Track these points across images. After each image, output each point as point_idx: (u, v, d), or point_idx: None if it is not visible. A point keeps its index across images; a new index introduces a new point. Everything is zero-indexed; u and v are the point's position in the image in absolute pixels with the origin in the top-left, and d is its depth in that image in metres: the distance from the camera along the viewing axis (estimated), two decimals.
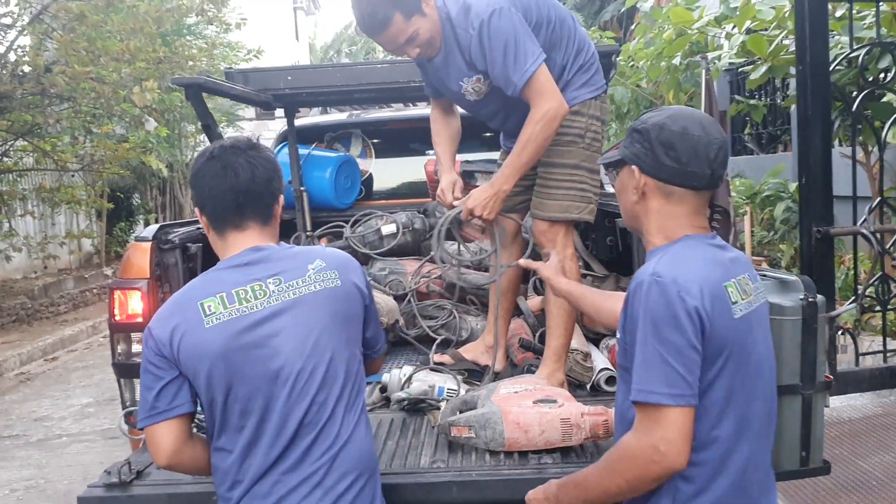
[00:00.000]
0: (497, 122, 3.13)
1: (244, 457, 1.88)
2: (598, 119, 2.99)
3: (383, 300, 3.65)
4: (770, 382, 1.86)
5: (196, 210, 2.02)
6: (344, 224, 4.42)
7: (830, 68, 3.92)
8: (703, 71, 2.93)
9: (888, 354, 4.31)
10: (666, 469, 1.63)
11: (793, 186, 7.45)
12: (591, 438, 2.52)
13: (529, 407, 2.49)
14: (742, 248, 7.78)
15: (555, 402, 2.52)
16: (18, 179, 10.31)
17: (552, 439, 2.47)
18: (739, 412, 1.71)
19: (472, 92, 2.95)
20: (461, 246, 3.25)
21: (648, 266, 1.71)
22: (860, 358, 4.18)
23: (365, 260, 4.29)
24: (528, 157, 2.79)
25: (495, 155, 3.53)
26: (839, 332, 4.16)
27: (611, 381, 3.14)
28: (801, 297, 2.54)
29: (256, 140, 2.07)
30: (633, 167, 1.80)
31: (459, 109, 3.30)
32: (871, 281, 4.22)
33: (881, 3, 4.27)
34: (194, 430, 2.01)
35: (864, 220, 4.22)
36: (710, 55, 6.11)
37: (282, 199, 2.06)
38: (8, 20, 8.26)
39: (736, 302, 1.69)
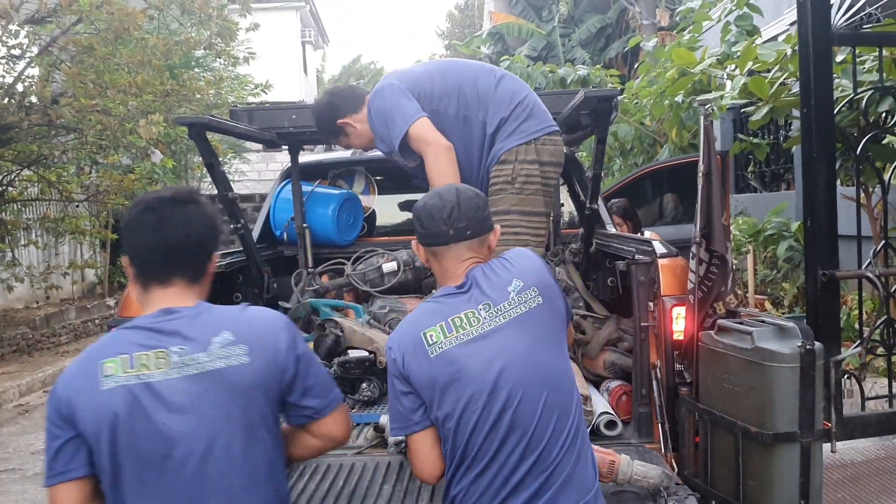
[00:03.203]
0: None
1: None
2: (534, 162, 3.16)
3: (383, 340, 3.63)
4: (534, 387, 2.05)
5: (124, 260, 1.94)
6: (345, 261, 4.42)
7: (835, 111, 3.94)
8: (702, 118, 2.93)
9: (894, 399, 4.28)
10: (422, 481, 2.21)
11: (795, 225, 7.45)
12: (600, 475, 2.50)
13: None
14: (745, 287, 7.77)
15: None
16: (23, 209, 10.34)
17: None
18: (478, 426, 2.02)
19: (402, 162, 3.29)
20: None
21: None
22: (865, 402, 4.16)
23: (366, 297, 4.29)
24: None
25: None
26: (845, 376, 4.13)
27: (611, 425, 3.12)
28: (799, 344, 2.54)
29: (198, 192, 1.99)
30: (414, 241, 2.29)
31: None
32: (876, 324, 4.20)
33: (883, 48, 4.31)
34: None
35: (869, 262, 4.22)
36: (711, 95, 6.15)
37: (216, 257, 1.98)
38: (17, 51, 8.34)
39: (434, 343, 2.05)
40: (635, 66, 13.13)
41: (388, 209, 5.35)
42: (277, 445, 1.90)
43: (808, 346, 2.51)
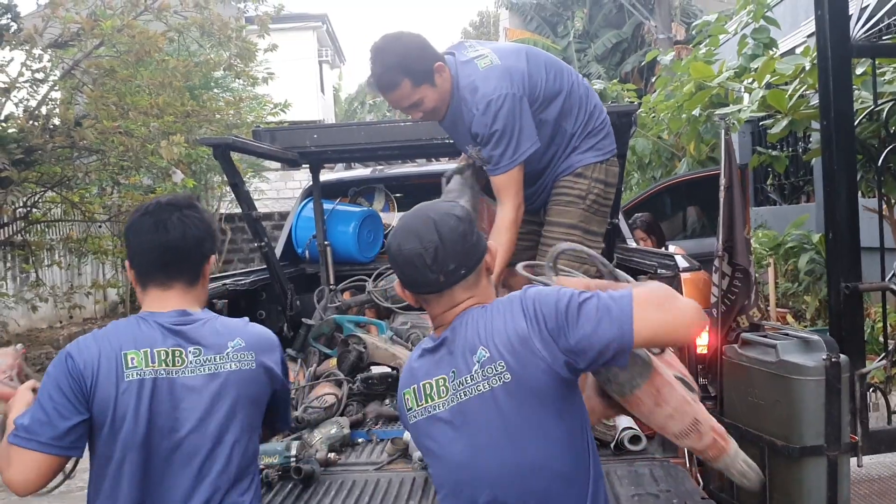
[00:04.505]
0: None
1: None
2: (602, 182, 3.08)
3: (405, 356, 3.65)
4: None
5: (127, 263, 2.04)
6: (367, 278, 4.45)
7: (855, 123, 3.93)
8: (722, 132, 2.94)
9: None
10: None
11: (816, 237, 7.41)
12: (700, 452, 2.05)
13: (675, 381, 1.98)
14: (767, 300, 7.72)
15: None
16: (46, 230, 10.45)
17: (672, 428, 1.98)
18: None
19: (476, 157, 3.05)
20: None
21: None
22: (892, 415, 4.11)
23: (387, 314, 4.31)
24: (506, 259, 2.88)
25: None
26: (870, 390, 4.09)
27: (635, 440, 3.10)
28: (824, 356, 2.53)
29: (195, 199, 2.08)
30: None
31: None
32: None
33: None
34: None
35: (893, 274, 4.19)
36: (729, 109, 6.14)
37: (213, 259, 2.06)
38: (40, 75, 8.46)
39: (410, 409, 1.84)
40: (652, 80, 13.13)
41: None
42: (257, 445, 2.06)
43: (833, 359, 2.50)
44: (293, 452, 2.95)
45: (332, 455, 3.11)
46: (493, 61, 2.90)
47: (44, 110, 8.50)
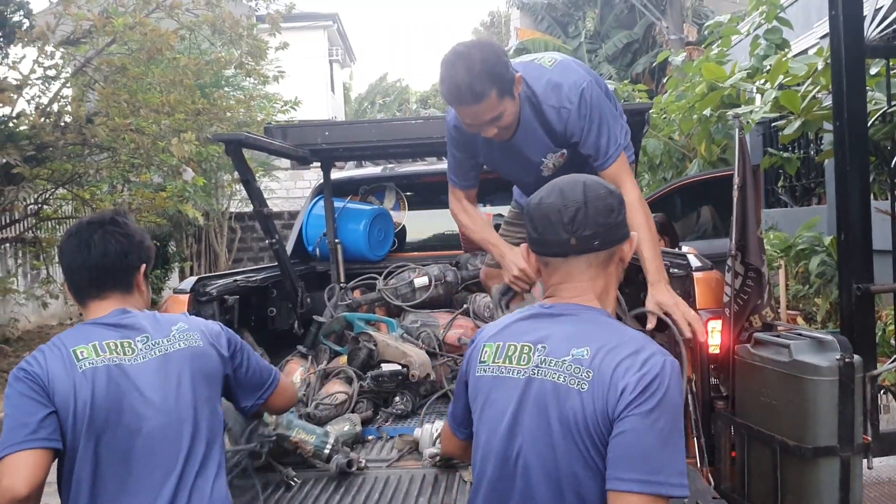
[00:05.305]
0: None
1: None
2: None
3: (416, 354, 3.65)
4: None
5: (66, 283, 2.15)
6: (377, 276, 4.46)
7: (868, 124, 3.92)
8: (737, 130, 2.92)
9: None
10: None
11: (827, 239, 7.37)
12: None
13: None
14: (777, 303, 7.69)
15: None
16: (57, 227, 10.49)
17: None
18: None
19: (550, 167, 3.00)
20: None
21: None
22: None
23: (398, 312, 4.31)
24: (657, 241, 2.87)
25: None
26: (881, 392, 4.08)
27: None
28: (838, 357, 2.51)
29: (121, 213, 2.17)
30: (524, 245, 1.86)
31: None
32: None
33: None
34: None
35: None
36: (742, 109, 6.12)
37: (143, 268, 2.15)
38: (52, 72, 8.49)
39: (484, 362, 1.75)
40: (663, 80, 13.11)
41: (418, 224, 5.40)
42: (221, 419, 2.15)
43: (846, 359, 2.48)
44: (331, 440, 2.93)
45: (353, 455, 3.05)
46: (555, 58, 2.88)
47: (55, 107, 8.53)
